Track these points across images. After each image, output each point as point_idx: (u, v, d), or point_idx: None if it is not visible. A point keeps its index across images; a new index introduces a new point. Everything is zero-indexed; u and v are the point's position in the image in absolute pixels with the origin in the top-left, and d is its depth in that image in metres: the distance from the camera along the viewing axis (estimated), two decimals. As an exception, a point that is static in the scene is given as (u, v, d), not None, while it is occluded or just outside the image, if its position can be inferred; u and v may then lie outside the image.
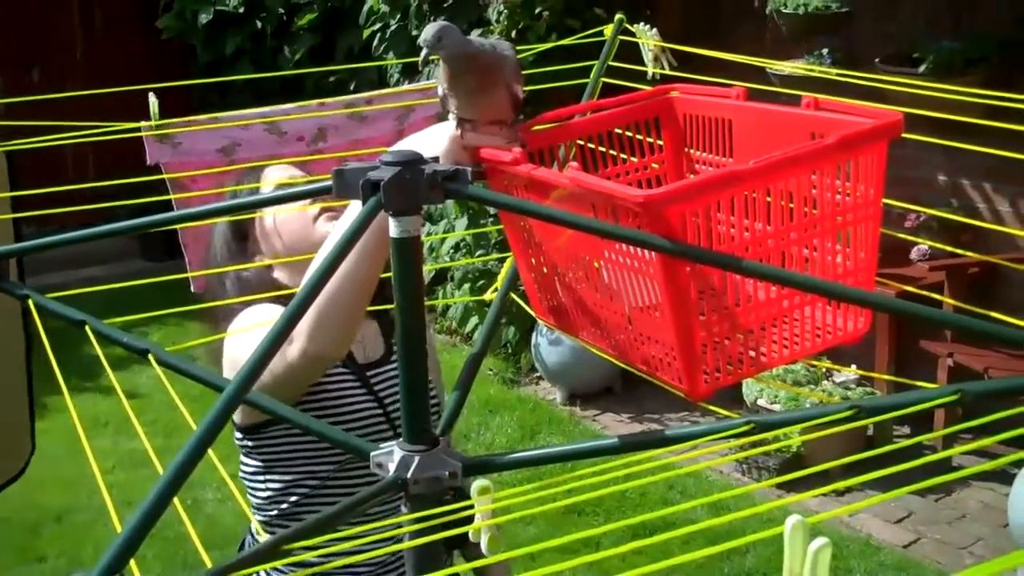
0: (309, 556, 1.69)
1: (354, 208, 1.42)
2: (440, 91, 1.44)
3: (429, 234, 6.01)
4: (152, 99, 2.13)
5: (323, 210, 1.98)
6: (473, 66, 1.39)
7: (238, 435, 1.96)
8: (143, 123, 2.14)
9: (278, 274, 1.96)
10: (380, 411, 1.94)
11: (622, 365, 1.35)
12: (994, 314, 1.28)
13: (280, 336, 1.05)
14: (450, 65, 1.38)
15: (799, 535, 0.65)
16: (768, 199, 1.19)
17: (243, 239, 2.00)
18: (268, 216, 1.97)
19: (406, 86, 2.69)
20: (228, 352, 1.84)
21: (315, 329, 1.54)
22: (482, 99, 1.41)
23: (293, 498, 1.93)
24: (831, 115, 1.30)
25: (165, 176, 2.09)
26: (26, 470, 2.38)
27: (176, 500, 0.93)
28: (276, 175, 2.03)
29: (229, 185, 2.09)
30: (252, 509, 1.99)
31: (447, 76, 1.40)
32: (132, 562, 0.86)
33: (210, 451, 0.98)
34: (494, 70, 1.41)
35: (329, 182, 1.21)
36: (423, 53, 1.36)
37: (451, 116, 1.44)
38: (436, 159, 1.26)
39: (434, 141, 1.43)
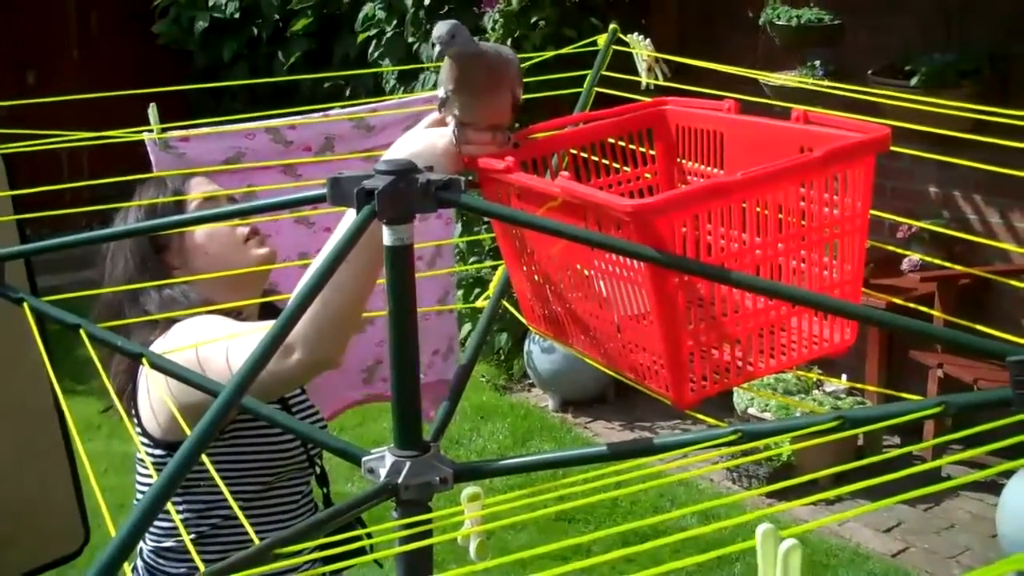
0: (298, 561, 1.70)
1: (349, 217, 1.43)
2: (442, 93, 1.43)
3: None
4: (151, 108, 2.13)
5: (252, 232, 1.96)
6: (482, 66, 1.40)
7: (157, 452, 1.85)
8: (144, 130, 2.14)
9: (203, 290, 1.89)
10: (299, 442, 1.94)
11: (612, 373, 1.36)
12: (979, 327, 1.29)
13: (275, 343, 1.07)
14: (460, 64, 1.38)
15: (770, 543, 0.66)
16: (757, 210, 1.21)
17: (160, 251, 1.94)
18: (198, 232, 1.92)
19: (411, 95, 2.69)
20: (188, 357, 1.67)
21: (315, 339, 1.51)
22: (487, 101, 1.42)
23: (214, 520, 1.88)
24: (820, 129, 1.31)
25: (165, 174, 2.09)
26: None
27: (170, 505, 0.94)
28: (200, 188, 1.99)
29: (223, 196, 2.07)
30: (152, 536, 1.91)
31: (454, 76, 1.40)
32: (126, 565, 0.87)
33: (204, 456, 1.00)
34: (501, 71, 1.42)
35: (323, 190, 1.23)
36: (437, 50, 1.36)
37: (450, 120, 1.44)
38: (430, 168, 1.27)
39: (426, 148, 1.43)
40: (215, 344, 1.65)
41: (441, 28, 1.35)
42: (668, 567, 0.79)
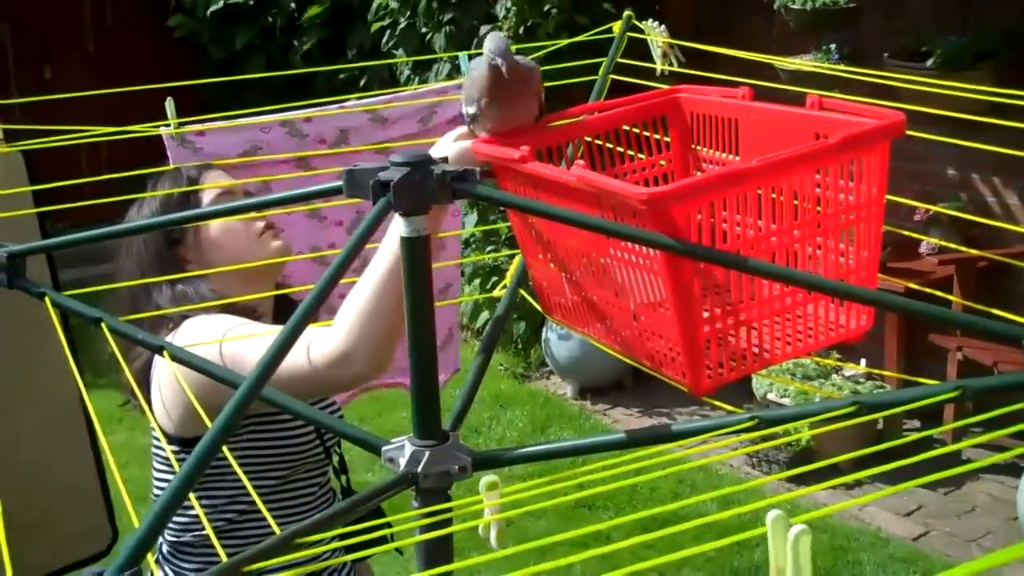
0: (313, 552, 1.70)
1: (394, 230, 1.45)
2: (473, 109, 1.46)
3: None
4: (169, 102, 2.14)
5: (267, 226, 1.95)
6: (518, 77, 1.44)
7: (173, 448, 1.84)
8: (162, 124, 2.16)
9: (218, 286, 1.88)
10: (314, 434, 1.94)
11: (629, 361, 1.37)
12: (997, 311, 1.29)
13: (292, 337, 1.07)
14: (506, 74, 1.42)
15: (780, 529, 0.66)
16: (773, 196, 1.21)
17: (174, 244, 1.92)
18: (213, 226, 1.92)
19: (426, 87, 2.70)
20: (210, 355, 1.66)
21: (377, 352, 1.53)
22: (520, 109, 1.47)
23: (230, 515, 1.87)
24: (835, 115, 1.31)
25: (181, 166, 2.10)
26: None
27: (192, 496, 0.95)
28: (217, 180, 1.98)
29: (247, 186, 2.08)
30: (170, 531, 1.91)
31: (492, 88, 1.43)
32: (149, 557, 0.88)
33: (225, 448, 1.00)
34: (531, 80, 1.47)
35: (339, 182, 1.23)
36: (497, 63, 1.40)
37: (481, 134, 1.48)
38: (444, 159, 1.28)
39: (460, 156, 1.47)
40: (238, 343, 1.66)
41: (497, 41, 1.41)
42: (687, 552, 0.79)
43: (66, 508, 2.41)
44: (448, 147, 1.51)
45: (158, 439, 1.88)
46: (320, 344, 1.56)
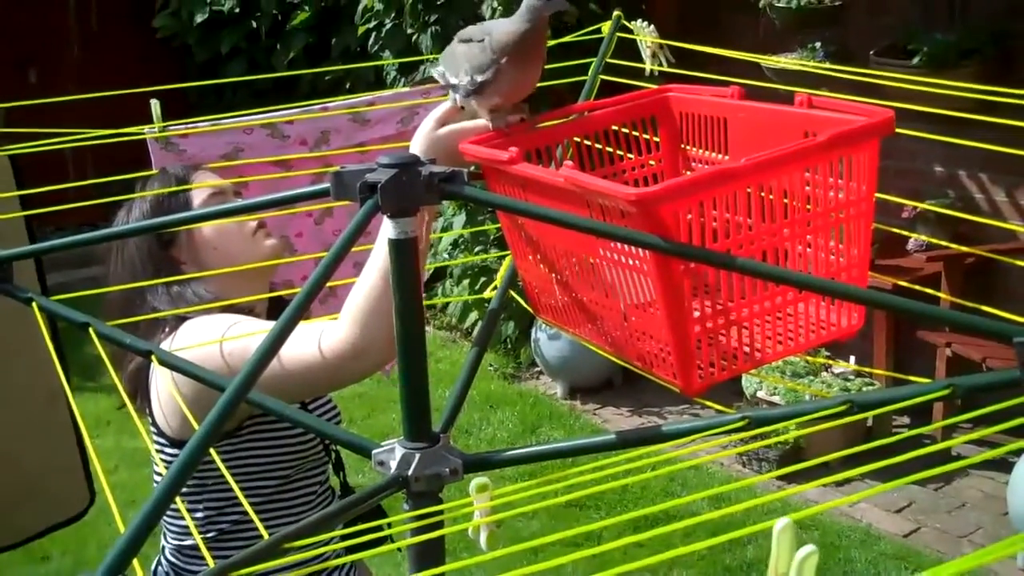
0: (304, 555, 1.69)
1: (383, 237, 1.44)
2: (488, 76, 1.43)
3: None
4: (154, 104, 2.14)
5: (259, 224, 1.94)
6: (545, 33, 1.44)
7: (172, 451, 1.83)
8: (147, 127, 2.15)
9: (214, 286, 1.87)
10: (316, 438, 1.93)
11: (619, 361, 1.37)
12: (986, 307, 1.29)
13: (281, 337, 1.06)
14: (543, 31, 1.41)
15: (787, 537, 0.66)
16: (762, 195, 1.21)
17: (167, 246, 1.90)
18: (206, 227, 1.89)
19: (408, 88, 2.70)
20: (211, 355, 1.67)
21: (388, 346, 1.49)
22: (536, 70, 1.46)
23: (235, 516, 1.85)
24: (824, 113, 1.31)
25: (169, 168, 2.09)
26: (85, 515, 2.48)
27: (179, 501, 0.94)
28: (207, 180, 1.97)
29: (230, 188, 2.07)
30: (173, 534, 1.90)
31: (525, 41, 1.41)
32: (135, 562, 0.87)
33: (213, 451, 1.00)
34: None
35: (326, 184, 1.23)
36: (558, 9, 1.40)
37: (479, 107, 1.46)
38: (433, 160, 1.28)
39: (424, 129, 1.45)
40: (237, 341, 1.65)
41: None
42: (679, 551, 0.79)
43: (48, 478, 2.43)
44: (431, 130, 1.49)
45: (158, 442, 1.86)
46: (331, 338, 1.56)
